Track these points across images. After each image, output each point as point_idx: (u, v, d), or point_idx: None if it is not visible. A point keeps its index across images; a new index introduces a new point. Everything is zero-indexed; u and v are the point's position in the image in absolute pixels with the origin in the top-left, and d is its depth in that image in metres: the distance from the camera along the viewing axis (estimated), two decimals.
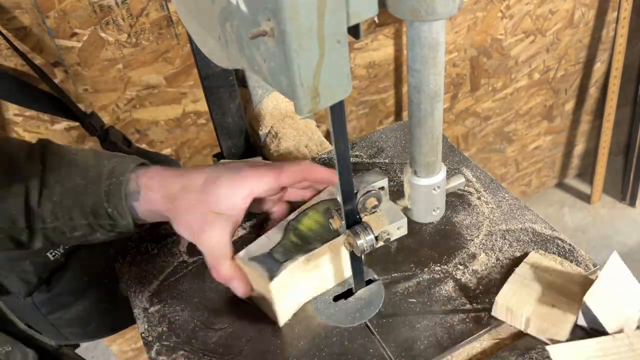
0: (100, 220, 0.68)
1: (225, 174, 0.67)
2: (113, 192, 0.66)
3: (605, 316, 0.60)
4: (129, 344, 1.57)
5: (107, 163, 0.68)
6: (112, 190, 0.67)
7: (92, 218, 0.68)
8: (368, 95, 1.54)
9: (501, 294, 0.63)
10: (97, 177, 0.67)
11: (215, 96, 0.86)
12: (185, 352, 0.65)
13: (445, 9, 0.44)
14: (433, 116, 0.55)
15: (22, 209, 0.67)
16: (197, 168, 0.69)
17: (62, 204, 0.67)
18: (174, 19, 1.15)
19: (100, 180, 0.67)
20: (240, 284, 0.64)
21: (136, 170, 0.68)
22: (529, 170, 2.11)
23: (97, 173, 0.67)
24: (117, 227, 0.68)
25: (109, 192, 0.67)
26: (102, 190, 0.67)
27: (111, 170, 0.67)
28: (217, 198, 0.65)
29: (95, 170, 0.68)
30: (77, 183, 0.67)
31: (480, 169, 0.84)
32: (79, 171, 0.68)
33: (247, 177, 0.67)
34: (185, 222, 0.66)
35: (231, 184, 0.66)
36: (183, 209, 0.66)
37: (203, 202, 0.65)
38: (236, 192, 0.66)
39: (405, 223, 0.63)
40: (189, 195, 0.66)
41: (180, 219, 0.66)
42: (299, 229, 0.67)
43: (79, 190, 0.67)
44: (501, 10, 1.57)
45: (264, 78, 0.44)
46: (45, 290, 1.01)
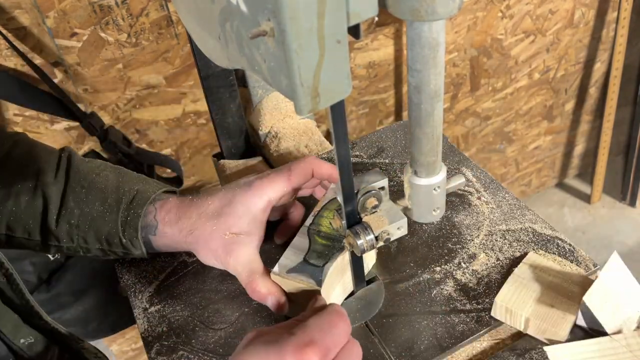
0: (114, 248, 0.68)
1: (238, 193, 0.67)
2: (130, 224, 0.67)
3: (605, 316, 0.60)
4: (129, 344, 1.57)
5: (127, 191, 0.68)
6: (129, 222, 0.67)
7: (106, 245, 0.68)
8: (368, 95, 1.54)
9: (500, 295, 0.63)
10: (116, 206, 0.67)
11: (215, 96, 0.86)
12: (185, 352, 0.65)
13: (446, 9, 0.44)
14: (433, 116, 0.55)
15: (39, 226, 0.68)
16: (210, 193, 0.68)
17: (78, 227, 0.68)
18: (174, 19, 1.15)
19: (118, 210, 0.67)
20: (276, 300, 0.63)
21: (155, 203, 0.68)
22: (529, 170, 2.11)
23: (116, 201, 0.67)
24: (129, 255, 0.69)
25: (126, 223, 0.67)
26: (120, 220, 0.67)
27: (130, 200, 0.67)
28: (236, 219, 0.65)
29: (115, 198, 0.68)
30: (96, 209, 0.67)
31: (480, 169, 0.84)
32: (99, 196, 0.68)
33: (261, 187, 0.66)
34: (209, 250, 0.66)
35: (246, 200, 0.66)
36: (203, 238, 0.66)
37: (222, 225, 0.65)
38: (253, 207, 0.66)
39: (405, 223, 0.63)
40: (207, 223, 0.66)
41: (203, 248, 0.66)
42: (321, 231, 0.67)
43: (96, 217, 0.67)
44: (501, 10, 1.57)
45: (264, 78, 0.44)
46: (45, 290, 1.01)
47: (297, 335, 0.48)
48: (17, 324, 0.60)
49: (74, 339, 0.66)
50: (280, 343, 0.47)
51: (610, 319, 0.60)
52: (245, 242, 0.65)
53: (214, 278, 0.74)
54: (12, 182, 0.67)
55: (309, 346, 0.47)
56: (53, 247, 0.69)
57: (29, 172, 0.67)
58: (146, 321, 0.70)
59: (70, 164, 0.69)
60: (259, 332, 0.50)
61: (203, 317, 0.69)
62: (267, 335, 0.49)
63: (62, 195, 0.68)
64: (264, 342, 0.48)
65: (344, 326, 0.51)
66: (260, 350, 0.47)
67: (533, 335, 0.62)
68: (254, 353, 0.48)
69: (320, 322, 0.50)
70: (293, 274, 0.63)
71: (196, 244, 0.66)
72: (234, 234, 0.65)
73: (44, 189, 0.67)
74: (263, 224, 0.67)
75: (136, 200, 0.67)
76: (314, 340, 0.47)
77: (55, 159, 0.69)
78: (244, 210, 0.65)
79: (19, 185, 0.67)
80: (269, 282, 0.63)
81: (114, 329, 1.09)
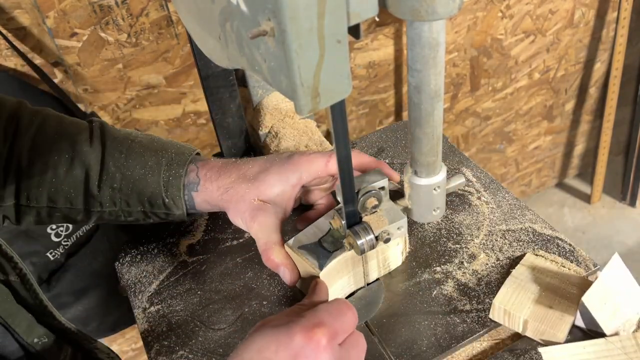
0: (156, 209, 0.70)
1: (276, 163, 0.69)
2: (172, 183, 0.69)
3: (604, 317, 0.60)
4: (129, 344, 1.57)
5: (165, 153, 0.70)
6: (171, 181, 0.69)
7: (149, 206, 0.70)
8: (368, 95, 1.54)
9: (498, 297, 0.63)
10: (157, 168, 0.69)
11: (215, 96, 0.86)
12: (185, 352, 0.65)
13: (446, 9, 0.44)
14: (433, 116, 0.55)
15: (82, 193, 0.69)
16: (254, 158, 0.72)
17: (121, 190, 0.69)
18: (174, 19, 1.15)
19: (159, 171, 0.69)
20: (287, 272, 0.65)
21: (195, 162, 0.71)
22: (529, 170, 2.11)
23: (157, 163, 0.70)
24: (170, 216, 0.71)
25: (168, 183, 0.69)
26: (162, 180, 0.69)
27: (170, 161, 0.70)
28: (268, 186, 0.67)
29: (155, 160, 0.70)
30: (137, 172, 0.69)
31: (480, 169, 0.84)
32: (139, 160, 0.70)
33: (298, 164, 0.68)
34: (237, 211, 0.68)
35: (282, 171, 0.68)
36: (236, 198, 0.68)
37: (255, 190, 0.67)
38: (285, 179, 0.68)
39: (405, 223, 0.63)
40: (242, 185, 0.68)
41: (234, 207, 0.68)
42: None
43: (139, 179, 0.69)
44: (501, 10, 1.57)
45: (264, 78, 0.44)
46: (46, 290, 1.01)
47: (307, 317, 0.49)
48: (31, 323, 0.60)
49: (87, 339, 0.66)
50: (289, 325, 0.48)
51: (609, 320, 0.60)
52: (270, 211, 0.66)
53: (214, 278, 0.74)
54: (48, 156, 0.68)
55: (318, 327, 0.48)
56: (95, 214, 0.71)
57: (63, 143, 0.69)
58: (146, 321, 0.70)
59: (104, 132, 0.71)
60: (267, 319, 0.52)
61: (203, 317, 0.69)
62: (275, 321, 0.51)
63: (102, 162, 0.69)
64: (273, 326, 0.49)
65: (352, 315, 0.52)
66: (269, 333, 0.49)
67: (531, 337, 0.62)
68: (263, 336, 0.49)
69: (329, 308, 0.51)
70: (303, 251, 0.64)
71: (229, 202, 0.68)
72: (262, 201, 0.67)
73: (81, 158, 0.69)
74: (291, 198, 0.69)
75: (175, 160, 0.70)
76: (323, 321, 0.49)
77: (87, 129, 0.71)
78: (276, 181, 0.68)
79: (56, 157, 0.68)
80: (283, 253, 0.65)
81: (114, 328, 1.09)
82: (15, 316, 0.59)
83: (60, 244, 1.00)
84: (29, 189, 0.68)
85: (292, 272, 0.65)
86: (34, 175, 0.68)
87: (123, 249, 0.80)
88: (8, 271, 0.60)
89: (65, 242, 1.00)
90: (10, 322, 0.58)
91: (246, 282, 0.72)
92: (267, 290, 0.71)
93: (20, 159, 0.68)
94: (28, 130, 0.68)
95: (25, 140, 0.68)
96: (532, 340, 0.62)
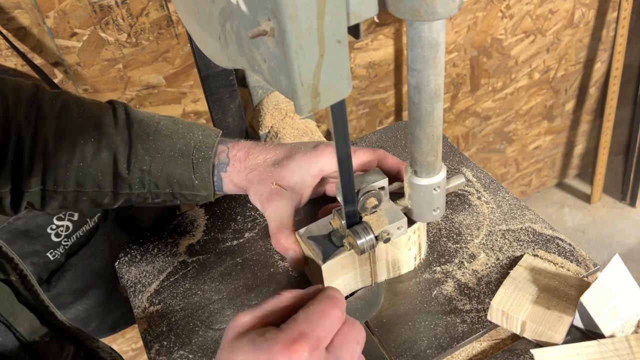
0: (185, 190, 0.71)
1: (300, 151, 0.70)
2: (201, 165, 0.70)
3: (602, 318, 0.60)
4: (129, 344, 1.57)
5: (192, 135, 0.71)
6: (200, 163, 0.70)
7: (178, 188, 0.71)
8: (368, 95, 1.54)
9: (496, 298, 0.63)
10: (186, 149, 0.70)
11: (215, 96, 0.86)
12: (185, 352, 0.65)
13: (446, 9, 0.44)
14: (433, 116, 0.54)
15: (110, 175, 0.69)
16: (281, 143, 0.73)
17: (150, 173, 0.70)
18: (174, 19, 1.15)
19: (188, 153, 0.70)
20: (294, 257, 0.66)
21: (225, 142, 0.72)
22: (529, 170, 2.11)
23: (185, 145, 0.70)
24: (197, 197, 0.72)
25: (198, 165, 0.70)
26: (191, 162, 0.70)
27: (198, 142, 0.71)
28: (288, 173, 0.68)
29: (183, 142, 0.71)
30: (167, 154, 0.70)
31: (480, 169, 0.84)
32: (167, 142, 0.70)
33: (322, 154, 0.69)
34: (256, 192, 0.69)
35: (304, 160, 0.69)
36: (258, 179, 0.69)
37: (276, 175, 0.69)
38: (306, 168, 0.69)
39: (405, 223, 0.63)
40: (266, 168, 0.69)
41: (255, 188, 0.69)
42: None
43: (168, 161, 0.70)
44: (501, 10, 1.57)
45: (264, 78, 0.44)
46: (46, 290, 1.01)
47: (285, 331, 0.46)
48: (32, 322, 0.60)
49: (89, 338, 0.66)
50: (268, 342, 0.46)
51: (607, 321, 0.60)
52: (286, 197, 0.67)
53: (214, 278, 0.74)
54: (74, 139, 0.68)
55: (297, 341, 0.45)
56: (123, 196, 0.71)
57: (88, 126, 0.69)
58: (146, 321, 0.70)
59: (128, 115, 0.71)
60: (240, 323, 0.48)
61: (203, 317, 0.69)
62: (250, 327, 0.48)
63: (129, 144, 0.69)
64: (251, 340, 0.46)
65: (336, 311, 0.49)
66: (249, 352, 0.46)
67: (529, 339, 0.62)
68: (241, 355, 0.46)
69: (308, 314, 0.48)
70: (311, 241, 0.64)
71: (251, 182, 0.70)
72: (280, 186, 0.68)
73: (108, 140, 0.69)
74: (310, 188, 0.70)
75: (204, 142, 0.71)
76: (302, 333, 0.46)
77: (110, 112, 0.71)
78: (298, 168, 0.69)
79: (82, 141, 0.68)
80: (292, 239, 0.66)
81: (114, 328, 1.09)
82: (17, 315, 0.59)
83: (60, 244, 1.00)
84: (56, 174, 0.68)
85: (298, 257, 0.66)
86: (61, 160, 0.68)
87: (123, 249, 0.80)
88: (9, 271, 0.60)
89: (65, 242, 1.00)
90: (11, 321, 0.58)
91: (246, 282, 0.72)
92: (267, 290, 0.71)
93: (47, 144, 0.67)
94: (51, 114, 0.68)
95: (50, 125, 0.68)
96: (532, 341, 0.62)
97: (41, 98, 0.69)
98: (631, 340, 0.59)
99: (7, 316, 0.58)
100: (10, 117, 0.67)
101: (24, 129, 0.67)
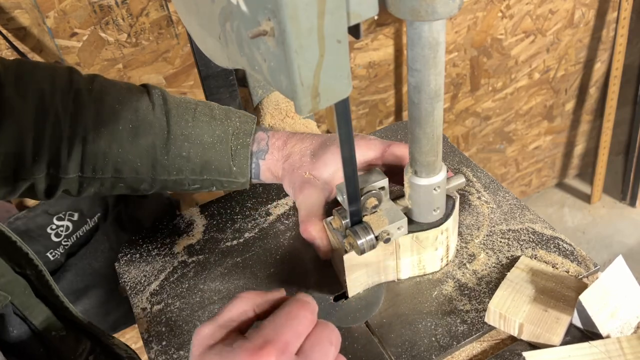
0: (222, 177, 0.71)
1: (336, 142, 0.69)
2: (240, 152, 0.71)
3: (601, 318, 0.59)
4: (129, 344, 1.57)
5: (230, 123, 0.72)
6: (239, 150, 0.71)
7: (216, 174, 0.71)
8: (368, 95, 1.54)
9: (493, 301, 0.62)
10: (224, 136, 0.71)
11: (215, 96, 0.86)
12: (185, 352, 0.65)
13: (446, 9, 0.44)
14: (433, 116, 0.55)
15: (149, 161, 0.69)
16: (319, 135, 0.73)
17: (189, 159, 0.70)
18: (174, 19, 1.15)
19: (227, 140, 0.70)
20: (321, 245, 0.66)
21: (265, 130, 0.73)
22: (529, 170, 2.11)
23: (224, 132, 0.71)
24: (233, 184, 0.73)
25: (236, 152, 0.70)
26: (230, 149, 0.70)
27: (236, 129, 0.71)
28: (322, 164, 0.69)
29: (222, 129, 0.71)
30: (205, 140, 0.70)
31: (480, 169, 0.84)
32: (206, 128, 0.71)
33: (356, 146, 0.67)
34: (290, 180, 0.70)
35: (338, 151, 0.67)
36: (292, 168, 0.70)
37: (310, 165, 0.69)
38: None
39: (405, 223, 0.63)
40: (302, 158, 0.70)
41: (289, 177, 0.70)
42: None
43: (207, 148, 0.70)
44: (501, 10, 1.57)
45: (264, 78, 0.44)
46: None
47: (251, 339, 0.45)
48: (48, 316, 0.61)
49: (105, 335, 0.66)
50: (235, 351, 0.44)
51: (606, 321, 0.60)
52: (318, 187, 0.68)
53: (213, 278, 0.74)
54: (112, 126, 0.68)
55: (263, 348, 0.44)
56: (160, 182, 0.71)
57: (126, 112, 0.68)
58: (146, 321, 0.70)
59: (165, 100, 0.71)
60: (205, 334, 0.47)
61: (203, 317, 0.69)
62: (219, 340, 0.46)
63: (168, 130, 0.69)
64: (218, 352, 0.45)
65: (305, 313, 0.47)
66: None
67: (527, 341, 0.62)
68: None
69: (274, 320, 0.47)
70: (335, 230, 0.64)
71: (286, 171, 0.70)
72: (313, 176, 0.69)
73: (146, 126, 0.69)
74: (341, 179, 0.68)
75: (242, 129, 0.71)
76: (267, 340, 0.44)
77: (146, 96, 0.70)
78: (331, 160, 0.69)
79: (120, 127, 0.68)
80: (320, 227, 0.66)
81: (114, 328, 1.09)
82: (33, 309, 0.59)
83: (60, 244, 1.00)
84: (94, 160, 0.68)
85: (325, 246, 0.66)
86: (99, 146, 0.67)
87: (123, 249, 0.80)
88: (24, 265, 0.59)
89: (65, 242, 1.00)
90: (27, 314, 0.59)
91: (246, 282, 0.72)
92: (267, 290, 0.71)
93: (86, 132, 0.67)
94: (89, 100, 0.68)
95: (88, 112, 0.67)
96: (530, 343, 0.62)
97: (77, 85, 0.68)
98: (623, 342, 0.58)
99: (22, 309, 0.58)
100: (47, 106, 0.66)
101: (62, 117, 0.66)
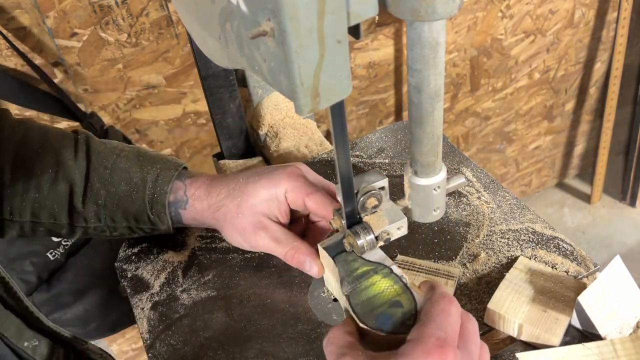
0: (141, 224, 0.70)
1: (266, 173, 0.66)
2: (157, 201, 0.69)
3: (599, 319, 0.59)
4: (129, 344, 1.57)
5: (150, 169, 0.69)
6: (156, 199, 0.69)
7: (134, 222, 0.70)
8: (368, 95, 1.54)
9: (492, 301, 0.62)
10: (142, 185, 0.69)
11: (215, 96, 0.86)
12: (185, 352, 0.65)
13: (446, 9, 0.44)
14: (433, 116, 0.54)
15: (66, 208, 0.68)
16: (242, 172, 0.69)
17: (106, 207, 0.69)
18: (174, 19, 1.15)
19: (144, 188, 0.69)
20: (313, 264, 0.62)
21: (183, 179, 0.69)
22: (529, 170, 2.11)
23: (142, 180, 0.69)
24: (156, 230, 0.71)
25: (153, 201, 0.69)
26: (147, 197, 0.69)
27: (155, 178, 0.69)
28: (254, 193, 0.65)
29: (140, 177, 0.69)
30: (122, 189, 0.69)
31: (480, 169, 0.84)
32: (124, 176, 0.69)
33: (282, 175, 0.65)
34: (235, 228, 0.66)
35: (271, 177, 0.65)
36: (229, 216, 0.66)
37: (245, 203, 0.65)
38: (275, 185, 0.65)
39: (405, 223, 0.63)
40: (234, 201, 0.66)
41: (230, 225, 0.66)
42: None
43: (123, 196, 0.69)
44: (501, 10, 1.57)
45: (264, 78, 0.44)
46: (45, 290, 1.01)
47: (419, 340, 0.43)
48: (20, 327, 0.60)
49: (78, 341, 0.66)
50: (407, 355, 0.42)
51: (605, 322, 0.60)
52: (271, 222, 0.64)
53: (214, 278, 0.73)
54: (31, 169, 0.67)
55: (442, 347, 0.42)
56: (80, 229, 0.70)
57: (47, 157, 0.68)
58: (146, 321, 0.70)
59: (89, 146, 0.70)
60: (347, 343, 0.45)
61: (203, 317, 0.69)
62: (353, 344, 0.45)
63: (86, 177, 0.68)
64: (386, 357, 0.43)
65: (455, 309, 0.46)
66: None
67: (526, 341, 0.62)
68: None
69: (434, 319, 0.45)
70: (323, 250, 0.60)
71: (222, 221, 0.67)
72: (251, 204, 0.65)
73: (66, 173, 0.68)
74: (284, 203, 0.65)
75: (161, 178, 0.69)
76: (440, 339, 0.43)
77: (72, 142, 0.70)
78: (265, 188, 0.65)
79: (39, 172, 0.67)
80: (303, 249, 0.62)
81: (114, 328, 1.09)
82: (3, 321, 0.58)
83: (60, 244, 1.00)
84: (12, 203, 0.67)
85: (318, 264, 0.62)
86: (17, 190, 0.67)
87: (123, 249, 0.80)
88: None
89: (65, 242, 1.01)
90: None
91: (246, 282, 0.72)
92: (267, 289, 0.71)
93: (3, 173, 0.67)
94: (10, 142, 0.67)
95: (8, 153, 0.67)
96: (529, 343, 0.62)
97: (3, 125, 0.68)
98: (616, 344, 0.58)
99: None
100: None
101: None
